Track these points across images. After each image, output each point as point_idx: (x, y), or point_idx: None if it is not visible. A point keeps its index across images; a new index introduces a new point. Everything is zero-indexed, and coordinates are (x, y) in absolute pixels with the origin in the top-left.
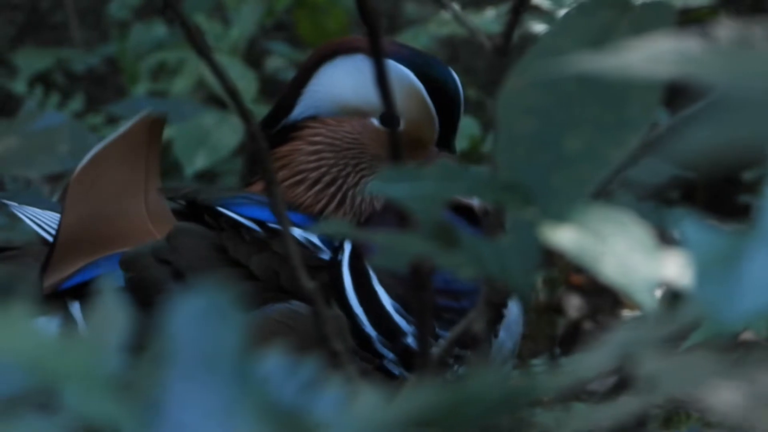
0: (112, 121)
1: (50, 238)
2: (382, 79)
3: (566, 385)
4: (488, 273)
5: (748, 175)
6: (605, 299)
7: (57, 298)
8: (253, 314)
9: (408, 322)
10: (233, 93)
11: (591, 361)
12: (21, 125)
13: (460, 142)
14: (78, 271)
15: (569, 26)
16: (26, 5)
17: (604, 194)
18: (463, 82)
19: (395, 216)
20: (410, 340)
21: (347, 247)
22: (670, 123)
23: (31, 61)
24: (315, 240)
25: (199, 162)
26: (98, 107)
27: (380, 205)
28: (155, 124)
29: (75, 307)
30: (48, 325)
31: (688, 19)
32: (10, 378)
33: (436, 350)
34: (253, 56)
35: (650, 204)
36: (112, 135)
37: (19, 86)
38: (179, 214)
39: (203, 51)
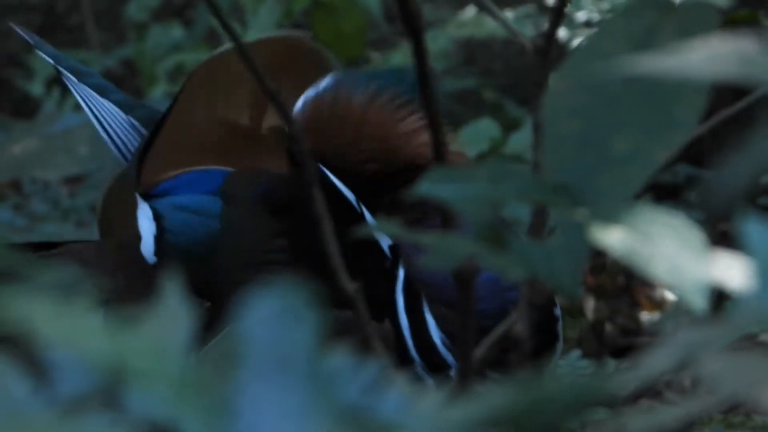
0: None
1: (101, 129)
2: (424, 80)
3: (631, 387)
4: (536, 274)
5: (766, 178)
6: (623, 301)
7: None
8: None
9: (454, 356)
10: (274, 94)
11: (654, 363)
12: (40, 127)
13: (481, 144)
14: (174, 177)
15: (613, 28)
16: (43, 7)
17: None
18: (481, 84)
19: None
20: (453, 373)
21: (401, 273)
22: (709, 124)
23: (47, 63)
24: (384, 246)
25: None
26: None
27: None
28: (308, 52)
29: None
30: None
31: (726, 21)
32: (75, 376)
33: (478, 352)
34: None
35: (668, 205)
36: (251, 38)
37: (35, 88)
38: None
39: (243, 52)
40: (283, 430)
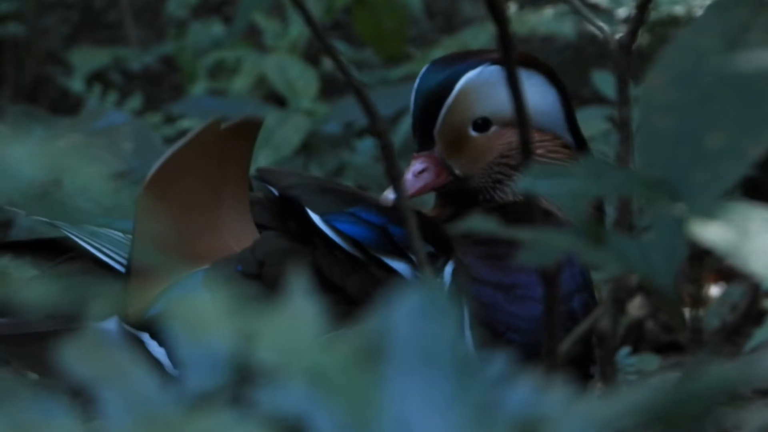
0: (171, 119)
1: (107, 260)
2: (510, 78)
3: (752, 384)
4: (633, 270)
5: None
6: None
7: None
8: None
9: None
10: (359, 92)
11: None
12: (84, 123)
13: None
14: (160, 296)
15: (705, 24)
16: (81, 4)
17: None
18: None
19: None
20: None
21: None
22: None
23: (86, 59)
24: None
25: (261, 161)
26: (156, 106)
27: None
28: (244, 129)
29: (151, 343)
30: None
31: None
32: (205, 371)
33: (563, 347)
34: (310, 55)
35: None
36: (179, 143)
37: (76, 84)
38: (262, 207)
39: (332, 53)
40: (429, 423)
